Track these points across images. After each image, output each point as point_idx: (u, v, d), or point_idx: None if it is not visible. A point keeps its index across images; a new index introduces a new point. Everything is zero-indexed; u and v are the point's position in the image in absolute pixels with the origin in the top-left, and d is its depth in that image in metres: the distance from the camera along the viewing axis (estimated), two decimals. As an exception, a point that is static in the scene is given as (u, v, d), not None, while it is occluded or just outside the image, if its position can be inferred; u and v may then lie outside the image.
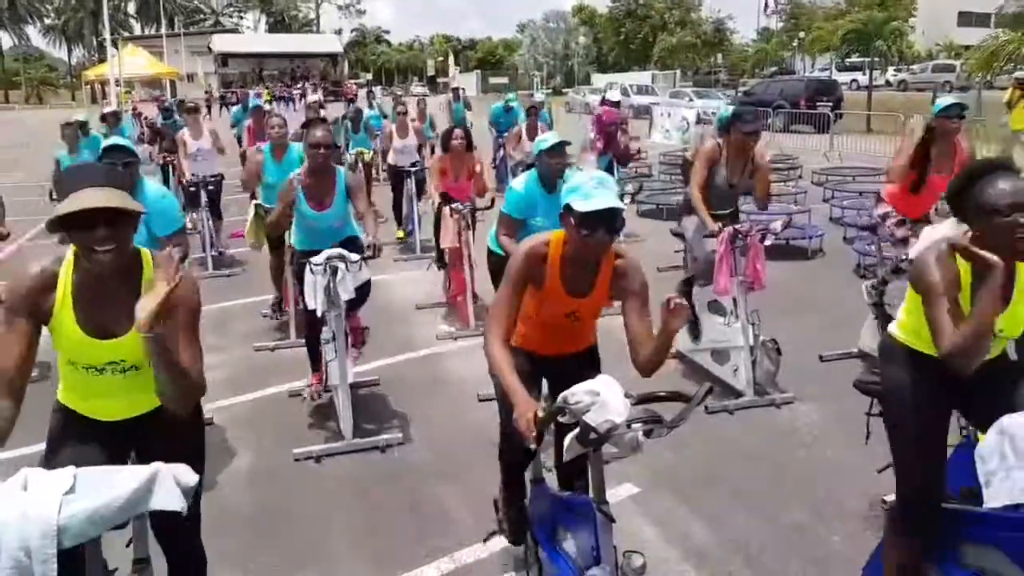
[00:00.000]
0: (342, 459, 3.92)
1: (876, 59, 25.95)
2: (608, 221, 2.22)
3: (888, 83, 35.50)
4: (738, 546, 3.14)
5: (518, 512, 2.80)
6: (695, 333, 4.99)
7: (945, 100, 4.75)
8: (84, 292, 2.03)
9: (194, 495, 1.86)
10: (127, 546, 2.35)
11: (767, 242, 4.59)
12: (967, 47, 29.61)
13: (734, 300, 4.57)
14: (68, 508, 1.61)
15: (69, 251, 2.05)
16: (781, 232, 4.75)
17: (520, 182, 4.46)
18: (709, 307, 4.94)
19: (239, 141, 10.90)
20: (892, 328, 2.52)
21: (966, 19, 48.34)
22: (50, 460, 2.19)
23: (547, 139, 4.44)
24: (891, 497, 3.22)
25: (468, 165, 6.21)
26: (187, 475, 1.85)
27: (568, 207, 2.26)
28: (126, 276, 2.04)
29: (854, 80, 33.29)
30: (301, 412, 4.50)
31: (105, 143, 3.82)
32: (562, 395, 1.95)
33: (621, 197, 7.15)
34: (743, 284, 4.52)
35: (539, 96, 14.60)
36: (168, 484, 1.72)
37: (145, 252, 2.11)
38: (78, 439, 2.20)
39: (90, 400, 2.20)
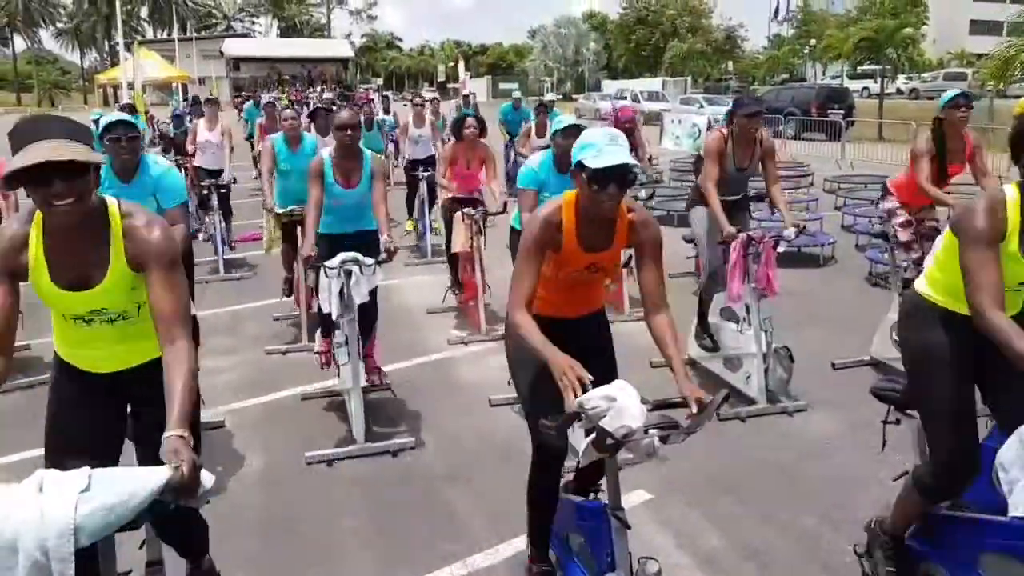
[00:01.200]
0: (354, 463, 3.92)
1: (887, 67, 25.86)
2: (619, 177, 2.24)
3: (899, 91, 35.37)
4: (751, 553, 3.12)
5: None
6: (711, 347, 4.97)
7: (951, 91, 4.79)
8: (54, 248, 2.03)
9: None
10: (140, 548, 2.36)
11: (780, 248, 4.58)
12: (979, 55, 29.52)
13: (747, 307, 4.55)
14: (84, 507, 1.61)
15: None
16: (795, 239, 4.74)
17: (535, 159, 4.70)
18: (722, 314, 4.93)
19: (251, 143, 11.03)
20: (921, 286, 2.46)
21: (978, 27, 48.16)
22: (52, 420, 2.25)
23: (563, 120, 4.63)
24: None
25: (479, 154, 6.27)
26: (202, 475, 1.85)
27: (580, 164, 2.28)
28: (92, 227, 2.02)
29: (865, 88, 33.19)
30: (313, 416, 4.50)
31: (112, 118, 3.82)
32: (578, 400, 1.95)
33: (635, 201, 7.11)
34: (755, 291, 4.50)
35: (550, 96, 14.62)
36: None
37: (111, 201, 2.07)
38: (77, 397, 2.24)
39: (83, 349, 2.22)
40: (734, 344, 4.74)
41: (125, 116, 3.94)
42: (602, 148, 2.24)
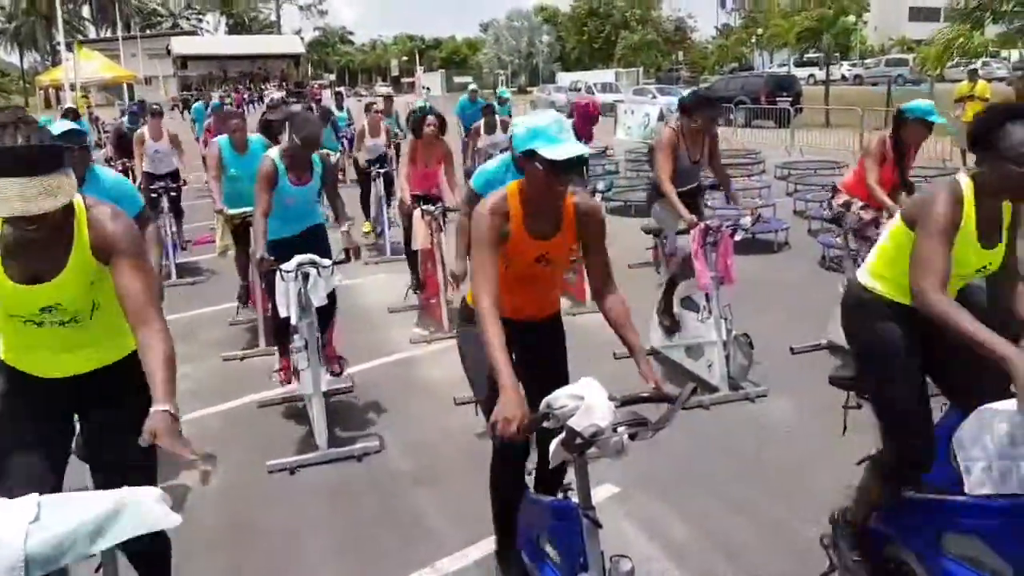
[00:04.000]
0: (317, 470, 3.84)
1: (835, 54, 26.47)
2: (577, 167, 2.26)
3: (844, 78, 36.19)
4: (718, 542, 3.15)
5: (517, 566, 2.68)
6: (672, 330, 5.01)
7: (923, 105, 4.64)
8: (13, 246, 1.97)
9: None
10: (96, 571, 2.27)
11: (737, 237, 4.63)
12: (918, 42, 30.39)
13: (706, 296, 4.59)
14: (35, 537, 1.54)
15: None
16: (751, 227, 4.79)
17: (492, 162, 4.56)
18: (682, 303, 4.97)
19: (203, 142, 10.80)
20: (865, 279, 2.48)
21: (916, 14, 49.66)
22: None
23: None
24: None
25: (438, 152, 6.18)
26: (157, 496, 1.79)
27: (533, 152, 2.25)
28: (57, 229, 1.96)
29: (811, 75, 33.89)
30: (273, 423, 4.41)
31: (59, 128, 3.61)
32: (545, 400, 1.92)
33: (594, 192, 7.13)
34: (715, 279, 4.55)
35: (502, 91, 14.53)
36: (136, 509, 1.65)
37: (77, 201, 2.02)
38: (23, 406, 2.16)
39: (33, 353, 2.15)
40: (695, 333, 4.78)
41: (73, 125, 3.77)
42: (556, 137, 2.22)
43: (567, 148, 2.20)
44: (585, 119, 8.27)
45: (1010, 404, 1.92)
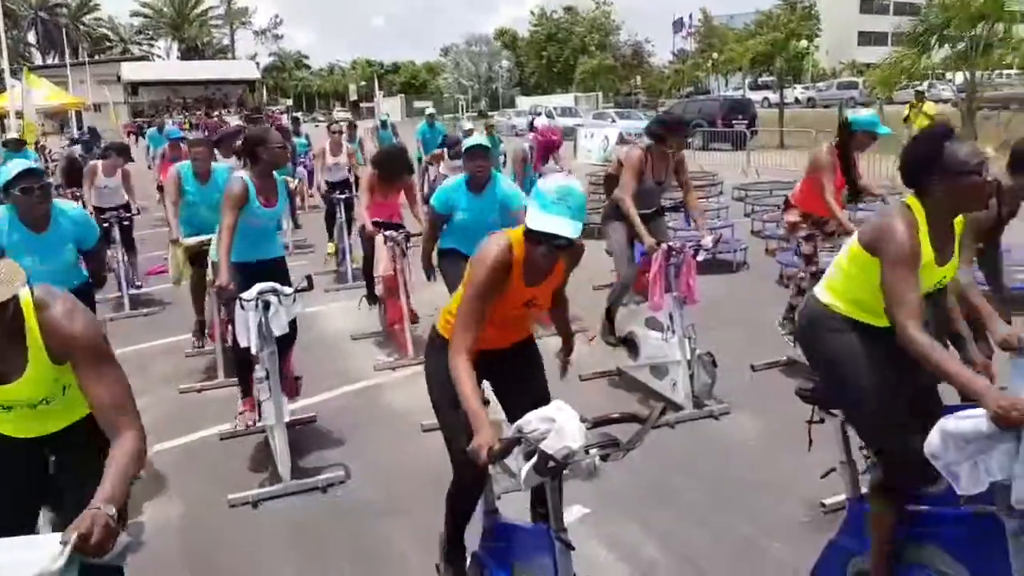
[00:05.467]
0: (281, 502, 3.75)
1: (788, 77, 27.29)
2: (554, 241, 2.20)
3: (797, 100, 37.28)
4: (687, 561, 3.15)
5: (461, 569, 2.74)
6: (634, 352, 5.04)
7: (871, 116, 4.84)
8: None
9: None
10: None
11: (699, 258, 4.70)
12: (868, 65, 31.52)
13: (670, 316, 4.63)
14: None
15: None
16: (713, 247, 4.87)
17: (450, 180, 4.72)
18: (647, 323, 5.00)
19: (158, 169, 10.63)
20: (824, 296, 2.47)
21: (866, 39, 51.55)
22: None
23: (470, 140, 4.61)
24: (830, 500, 3.31)
25: (398, 184, 6.20)
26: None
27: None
28: (4, 325, 1.88)
29: (766, 98, 34.83)
30: (234, 455, 4.29)
31: (18, 168, 3.55)
32: (517, 424, 1.91)
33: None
34: (678, 300, 4.60)
35: (466, 124, 14.62)
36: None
37: (22, 294, 1.93)
38: None
39: (2, 424, 2.12)
40: (660, 352, 4.81)
41: (30, 163, 3.71)
42: (547, 205, 2.16)
43: (549, 221, 2.14)
44: (548, 150, 8.37)
45: (970, 412, 1.94)
